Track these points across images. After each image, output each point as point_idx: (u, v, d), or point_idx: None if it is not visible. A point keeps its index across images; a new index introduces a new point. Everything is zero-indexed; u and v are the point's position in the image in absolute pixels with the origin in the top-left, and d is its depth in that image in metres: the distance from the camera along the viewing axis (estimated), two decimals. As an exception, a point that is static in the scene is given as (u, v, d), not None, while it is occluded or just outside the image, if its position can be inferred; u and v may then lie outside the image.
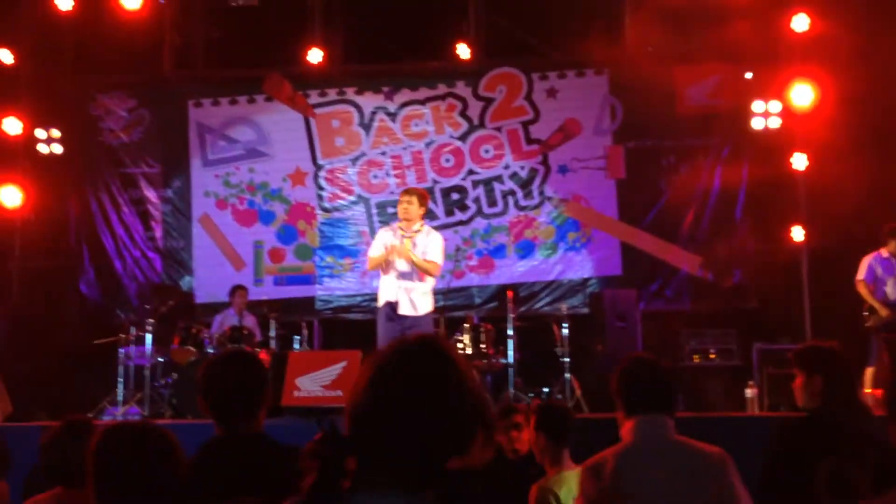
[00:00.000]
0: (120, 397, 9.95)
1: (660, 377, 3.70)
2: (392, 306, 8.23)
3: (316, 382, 7.85)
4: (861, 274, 9.22)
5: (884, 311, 9.01)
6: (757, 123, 11.48)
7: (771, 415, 8.81)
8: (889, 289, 9.07)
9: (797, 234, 11.15)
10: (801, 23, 11.04)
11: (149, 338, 10.17)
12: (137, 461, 2.58)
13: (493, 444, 1.99)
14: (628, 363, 3.78)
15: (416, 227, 8.31)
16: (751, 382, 9.27)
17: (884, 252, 9.18)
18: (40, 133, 12.00)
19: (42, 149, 12.04)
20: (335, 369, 7.71)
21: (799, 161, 11.07)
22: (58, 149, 12.12)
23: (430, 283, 8.41)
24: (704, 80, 11.90)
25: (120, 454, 2.58)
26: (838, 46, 10.92)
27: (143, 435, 2.66)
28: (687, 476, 3.47)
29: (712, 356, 10.54)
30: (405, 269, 8.25)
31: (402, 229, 8.25)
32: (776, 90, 11.36)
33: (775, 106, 11.35)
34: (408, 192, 8.50)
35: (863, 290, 9.17)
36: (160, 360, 10.23)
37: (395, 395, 1.89)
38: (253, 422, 3.36)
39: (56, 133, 12.08)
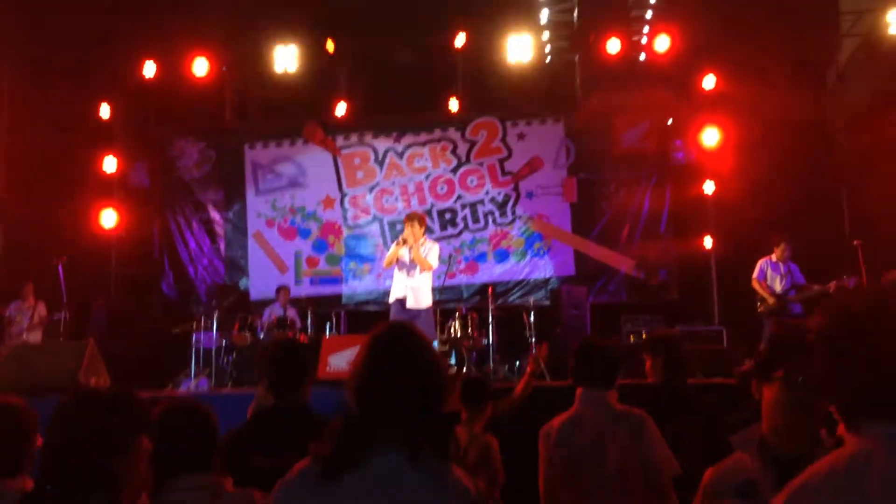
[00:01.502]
0: (192, 372, 9.99)
1: (603, 357, 3.57)
2: (401, 301, 8.28)
3: (343, 360, 7.84)
4: (755, 273, 9.27)
5: (771, 300, 9.08)
6: (676, 159, 11.58)
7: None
8: (776, 284, 9.15)
9: (707, 242, 11.18)
10: (709, 82, 11.14)
11: (215, 326, 10.21)
12: (181, 427, 2.59)
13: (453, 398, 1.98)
14: (579, 345, 3.65)
15: (421, 240, 8.39)
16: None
17: (773, 257, 9.23)
18: (131, 169, 12.09)
19: (132, 181, 12.12)
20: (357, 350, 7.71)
21: (708, 187, 11.12)
22: (145, 181, 12.21)
23: (428, 282, 8.42)
24: (637, 126, 11.89)
25: (171, 422, 2.58)
26: (737, 100, 11.04)
27: (188, 409, 2.67)
28: (616, 436, 3.35)
29: (644, 336, 10.45)
30: (410, 270, 8.30)
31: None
32: (691, 133, 11.43)
33: (690, 145, 11.43)
34: (409, 217, 8.40)
35: (756, 286, 9.23)
36: (223, 343, 10.23)
37: (385, 368, 1.87)
38: (300, 392, 3.35)
39: (143, 169, 12.17)
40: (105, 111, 11.64)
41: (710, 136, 10.99)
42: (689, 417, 3.91)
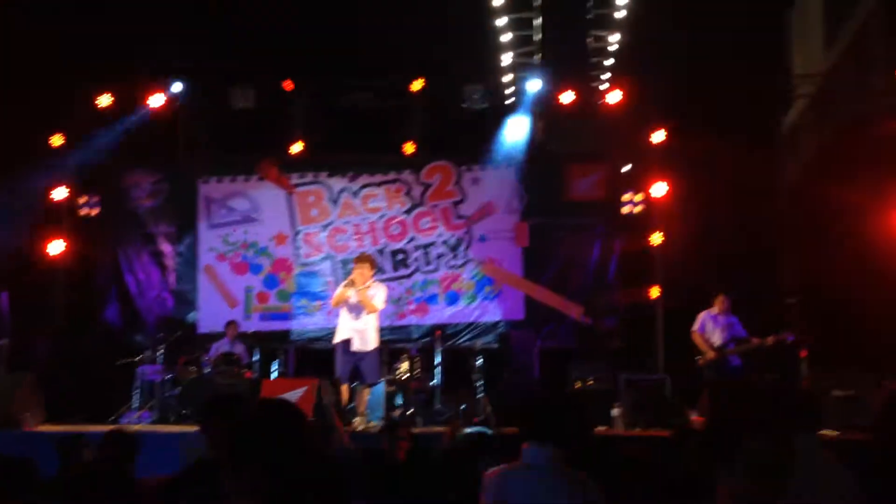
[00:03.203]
0: (136, 405, 10.08)
1: (553, 414, 3.53)
2: (346, 343, 8.54)
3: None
4: (695, 326, 9.58)
5: (710, 353, 9.47)
6: (625, 209, 11.86)
7: (632, 433, 8.99)
8: (714, 337, 9.54)
9: (654, 292, 11.43)
10: (658, 136, 11.60)
11: (160, 359, 10.32)
12: None
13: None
14: (531, 402, 3.63)
15: (368, 283, 8.70)
16: (616, 404, 9.48)
17: (713, 310, 9.60)
18: (82, 199, 12.12)
19: (82, 211, 12.10)
20: (297, 393, 7.82)
21: (655, 238, 11.45)
22: (94, 211, 12.25)
23: (374, 323, 8.71)
24: (588, 175, 12.16)
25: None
26: (688, 154, 11.55)
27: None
28: (562, 494, 3.32)
29: (590, 383, 10.38)
30: (357, 312, 8.58)
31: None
32: (640, 185, 11.75)
33: (639, 197, 11.73)
34: (359, 259, 8.74)
35: (696, 338, 9.53)
36: (168, 376, 10.27)
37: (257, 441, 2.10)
38: None
39: (94, 200, 12.23)
40: (58, 141, 11.75)
41: (658, 189, 11.36)
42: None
